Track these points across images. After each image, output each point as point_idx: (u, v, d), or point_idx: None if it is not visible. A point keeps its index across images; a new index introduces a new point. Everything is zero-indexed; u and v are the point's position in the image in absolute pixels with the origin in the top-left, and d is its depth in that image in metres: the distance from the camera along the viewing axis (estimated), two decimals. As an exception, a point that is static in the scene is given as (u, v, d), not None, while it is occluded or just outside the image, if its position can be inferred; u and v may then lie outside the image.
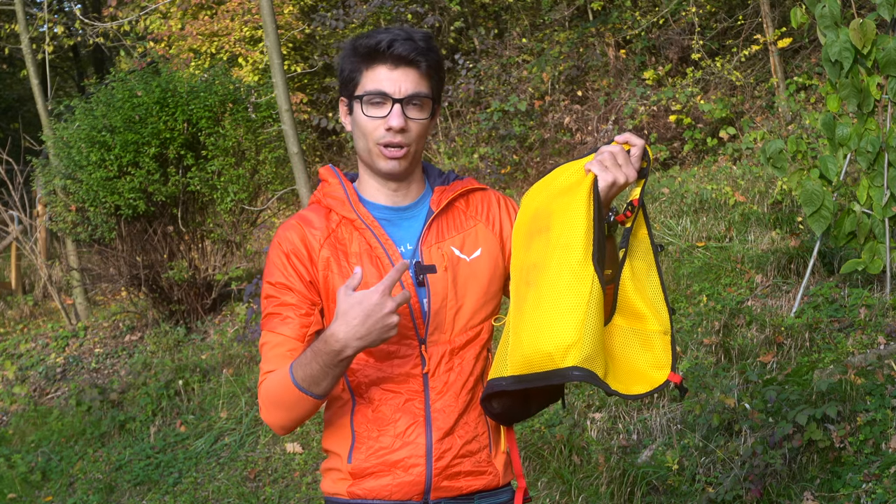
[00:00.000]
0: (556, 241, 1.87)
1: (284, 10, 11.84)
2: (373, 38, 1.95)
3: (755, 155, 8.12)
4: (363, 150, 1.99)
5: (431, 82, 1.98)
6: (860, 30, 4.63)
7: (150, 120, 7.84)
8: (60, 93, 16.31)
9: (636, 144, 1.90)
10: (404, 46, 1.92)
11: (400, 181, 2.02)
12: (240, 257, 8.90)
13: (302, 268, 1.97)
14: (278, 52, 7.17)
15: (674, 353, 1.92)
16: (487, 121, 10.12)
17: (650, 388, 1.90)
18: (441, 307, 1.98)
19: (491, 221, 2.06)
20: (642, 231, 1.97)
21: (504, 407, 1.96)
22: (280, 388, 1.90)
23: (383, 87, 1.93)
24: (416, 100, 1.95)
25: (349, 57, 1.99)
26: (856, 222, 4.86)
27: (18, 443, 6.96)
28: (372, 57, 1.95)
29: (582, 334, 1.79)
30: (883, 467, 3.58)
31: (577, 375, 1.78)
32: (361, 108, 1.95)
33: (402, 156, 1.96)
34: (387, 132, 1.94)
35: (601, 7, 10.93)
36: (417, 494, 1.97)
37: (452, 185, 2.06)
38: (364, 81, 1.96)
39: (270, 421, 1.95)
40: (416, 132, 1.96)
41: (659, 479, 3.98)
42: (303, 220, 2.02)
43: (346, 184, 2.05)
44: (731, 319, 5.15)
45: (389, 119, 1.93)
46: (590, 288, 1.82)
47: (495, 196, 2.11)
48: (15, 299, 11.38)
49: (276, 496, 5.07)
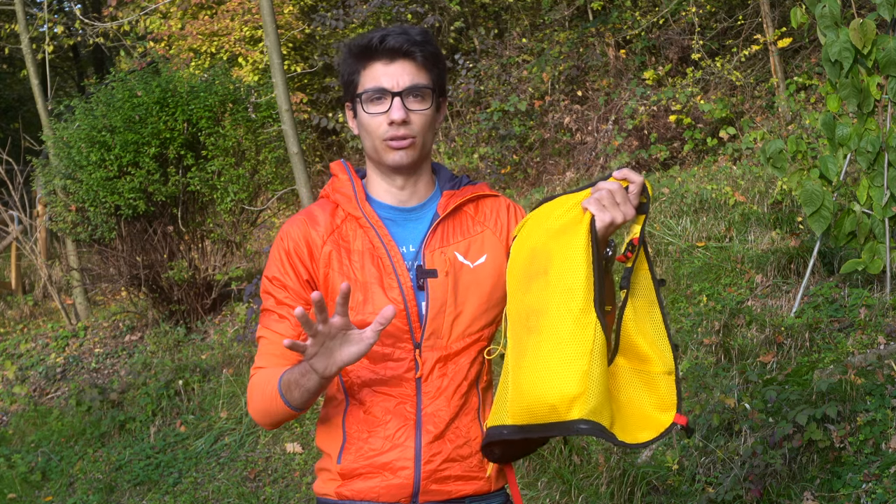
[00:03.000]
0: (555, 285, 1.82)
1: (284, 10, 11.84)
2: (366, 36, 1.95)
3: (755, 155, 8.12)
4: (370, 149, 1.99)
5: (430, 73, 1.97)
6: (860, 30, 4.63)
7: (150, 120, 7.84)
8: (60, 93, 16.32)
9: (634, 182, 1.87)
10: (397, 39, 1.92)
11: (408, 176, 2.01)
12: (240, 257, 8.90)
13: (301, 266, 1.98)
14: (278, 52, 7.17)
15: (679, 393, 1.88)
16: (487, 121, 10.12)
17: (657, 434, 1.86)
18: (439, 312, 1.96)
19: (499, 228, 2.04)
20: (644, 268, 1.93)
21: (504, 450, 1.95)
22: (265, 392, 1.95)
23: (381, 83, 1.93)
24: (416, 91, 1.93)
25: (346, 59, 1.99)
26: (856, 222, 4.86)
27: (18, 443, 6.96)
28: (367, 55, 1.95)
29: (587, 386, 1.74)
30: (883, 467, 3.58)
31: (584, 429, 1.74)
32: (363, 106, 1.95)
33: (409, 146, 1.95)
34: (390, 126, 1.94)
35: (601, 7, 10.93)
36: (406, 497, 1.96)
37: (462, 190, 2.05)
38: (362, 80, 1.96)
39: (253, 416, 2.01)
40: (420, 123, 1.95)
41: (659, 479, 3.98)
42: (308, 217, 2.02)
43: (354, 180, 2.04)
44: (731, 319, 5.15)
45: (391, 113, 1.92)
46: (593, 336, 1.77)
47: (505, 203, 2.08)
48: (15, 299, 11.38)
49: (276, 496, 5.07)
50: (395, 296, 1.94)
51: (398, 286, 1.94)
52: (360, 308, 1.94)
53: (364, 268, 1.96)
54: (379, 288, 1.95)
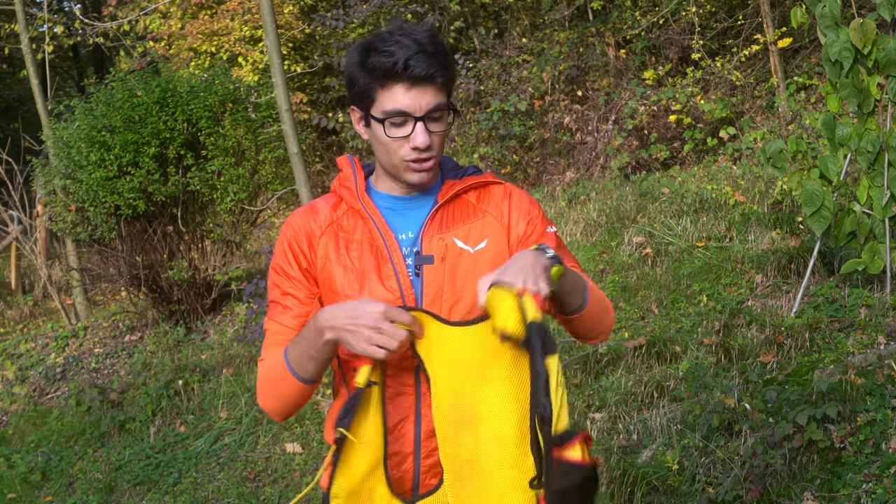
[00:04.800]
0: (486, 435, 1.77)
1: (284, 10, 11.85)
2: (385, 55, 1.89)
3: (755, 155, 8.12)
4: (387, 164, 1.98)
5: (447, 90, 1.96)
6: (860, 30, 4.63)
7: (149, 120, 7.84)
8: (60, 93, 16.32)
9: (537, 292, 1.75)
10: (420, 65, 1.88)
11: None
12: (240, 257, 8.90)
13: (301, 255, 2.01)
14: (278, 52, 7.16)
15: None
16: (487, 121, 10.12)
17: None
18: (435, 299, 1.95)
19: (500, 214, 2.04)
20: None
21: None
22: (273, 367, 1.97)
23: (403, 107, 1.90)
24: (436, 112, 1.93)
25: (360, 70, 1.93)
26: (856, 222, 4.86)
27: (18, 443, 6.96)
28: (387, 77, 1.90)
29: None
30: (883, 467, 3.58)
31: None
32: (384, 128, 1.93)
33: (430, 167, 1.96)
34: (413, 150, 1.93)
35: (601, 7, 10.93)
36: (406, 490, 1.96)
37: (464, 179, 2.06)
38: (381, 100, 1.92)
39: (264, 405, 2.02)
40: (439, 142, 1.96)
41: (659, 479, 3.97)
42: (310, 208, 2.06)
43: (358, 173, 2.06)
44: (731, 319, 5.15)
45: (415, 138, 1.91)
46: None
47: (508, 189, 2.08)
48: (15, 299, 11.38)
49: (276, 496, 5.07)
50: (391, 284, 1.95)
51: (394, 274, 1.95)
52: (357, 296, 1.95)
53: (362, 257, 1.97)
54: (375, 276, 1.96)
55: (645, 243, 6.80)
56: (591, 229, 7.61)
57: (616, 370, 5.01)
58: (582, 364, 5.12)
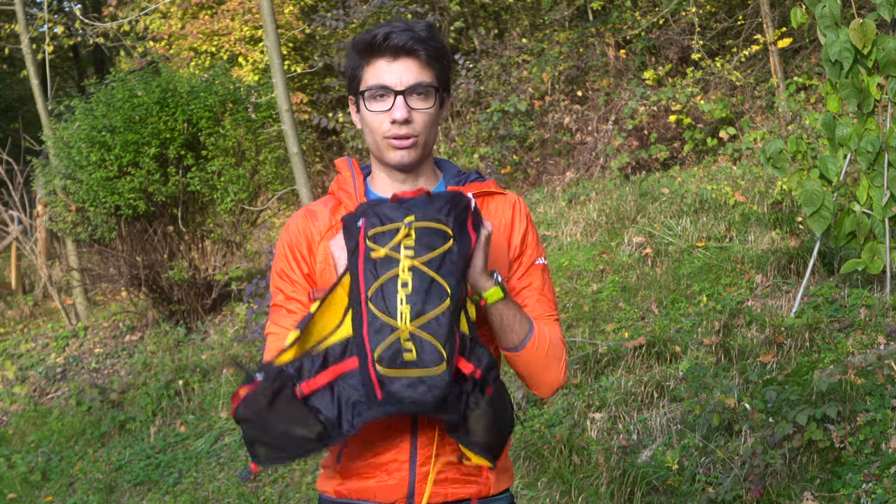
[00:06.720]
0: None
1: (284, 10, 11.85)
2: (370, 32, 1.94)
3: (755, 155, 8.13)
4: (372, 145, 1.99)
5: (434, 70, 1.95)
6: (860, 30, 4.63)
7: (150, 120, 7.84)
8: (60, 93, 16.30)
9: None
10: (401, 37, 1.91)
11: (409, 172, 2.00)
12: (240, 257, 8.91)
13: (302, 261, 2.00)
14: (278, 52, 7.17)
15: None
16: (487, 121, 10.12)
17: None
18: None
19: (502, 226, 2.03)
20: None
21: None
22: None
23: (384, 80, 1.92)
24: (420, 89, 1.93)
25: (350, 54, 1.98)
26: (856, 222, 4.86)
27: (18, 443, 6.96)
28: (370, 51, 1.94)
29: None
30: (883, 467, 3.58)
31: None
32: (365, 103, 1.95)
33: (410, 146, 1.95)
34: (392, 125, 1.93)
35: (601, 7, 10.93)
36: (401, 498, 1.94)
37: (468, 186, 2.04)
38: (366, 76, 1.95)
39: None
40: (422, 122, 1.95)
41: (659, 479, 3.98)
42: (308, 212, 2.05)
43: (356, 176, 2.05)
44: (731, 319, 5.15)
45: (393, 111, 1.92)
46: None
47: (511, 200, 2.07)
48: (15, 299, 11.39)
49: (276, 496, 5.07)
50: None
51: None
52: None
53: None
54: None
55: (645, 243, 6.80)
56: (591, 229, 7.61)
57: (616, 370, 5.01)
58: (582, 364, 5.12)
